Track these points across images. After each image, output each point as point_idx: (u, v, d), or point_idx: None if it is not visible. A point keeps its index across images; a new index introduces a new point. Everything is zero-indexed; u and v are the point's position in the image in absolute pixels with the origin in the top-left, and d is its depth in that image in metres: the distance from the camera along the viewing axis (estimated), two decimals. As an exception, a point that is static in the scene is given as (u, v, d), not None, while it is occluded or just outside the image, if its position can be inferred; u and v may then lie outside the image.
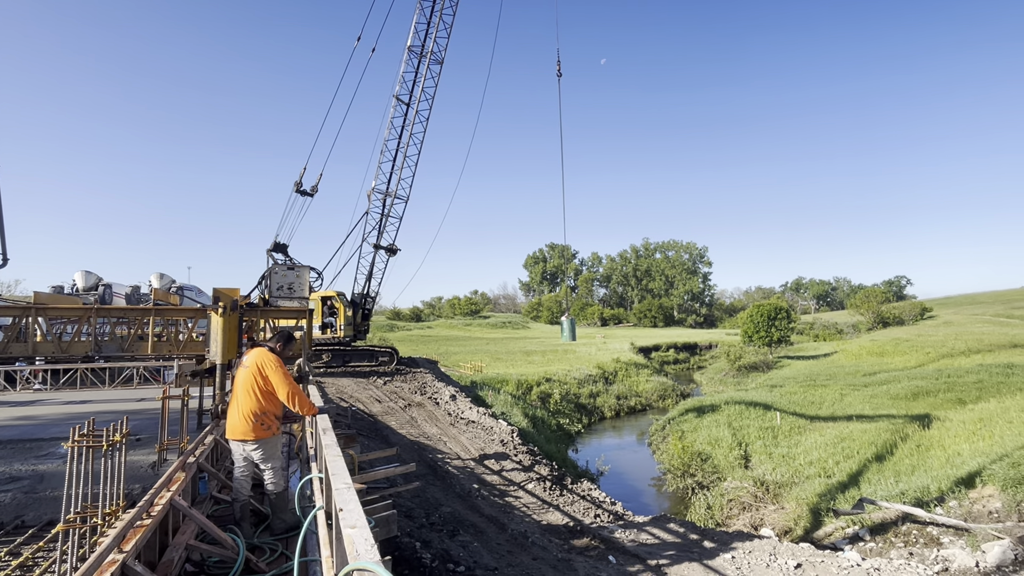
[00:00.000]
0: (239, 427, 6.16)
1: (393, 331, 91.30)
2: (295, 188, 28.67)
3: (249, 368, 6.24)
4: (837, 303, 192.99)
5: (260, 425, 6.16)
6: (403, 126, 29.41)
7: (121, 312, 13.04)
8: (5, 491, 6.99)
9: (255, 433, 6.13)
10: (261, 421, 6.17)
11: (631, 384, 51.02)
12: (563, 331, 26.97)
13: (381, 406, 23.69)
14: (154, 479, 7.14)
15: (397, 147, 29.54)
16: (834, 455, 22.43)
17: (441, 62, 29.26)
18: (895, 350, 56.71)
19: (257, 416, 6.15)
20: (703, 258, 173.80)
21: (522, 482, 19.34)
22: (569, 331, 26.55)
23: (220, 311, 9.64)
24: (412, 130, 29.49)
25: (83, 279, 30.02)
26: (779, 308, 73.24)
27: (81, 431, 5.23)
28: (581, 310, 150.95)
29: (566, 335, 26.60)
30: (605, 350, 69.00)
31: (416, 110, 29.30)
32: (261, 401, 6.16)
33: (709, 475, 23.33)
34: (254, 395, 6.15)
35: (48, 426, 11.15)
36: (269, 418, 6.26)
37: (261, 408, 6.17)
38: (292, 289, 11.47)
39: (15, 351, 11.37)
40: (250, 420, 6.12)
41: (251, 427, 6.12)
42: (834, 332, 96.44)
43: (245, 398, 6.17)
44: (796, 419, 28.79)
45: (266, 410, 6.21)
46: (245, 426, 6.13)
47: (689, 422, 31.85)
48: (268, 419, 6.24)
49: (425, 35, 28.61)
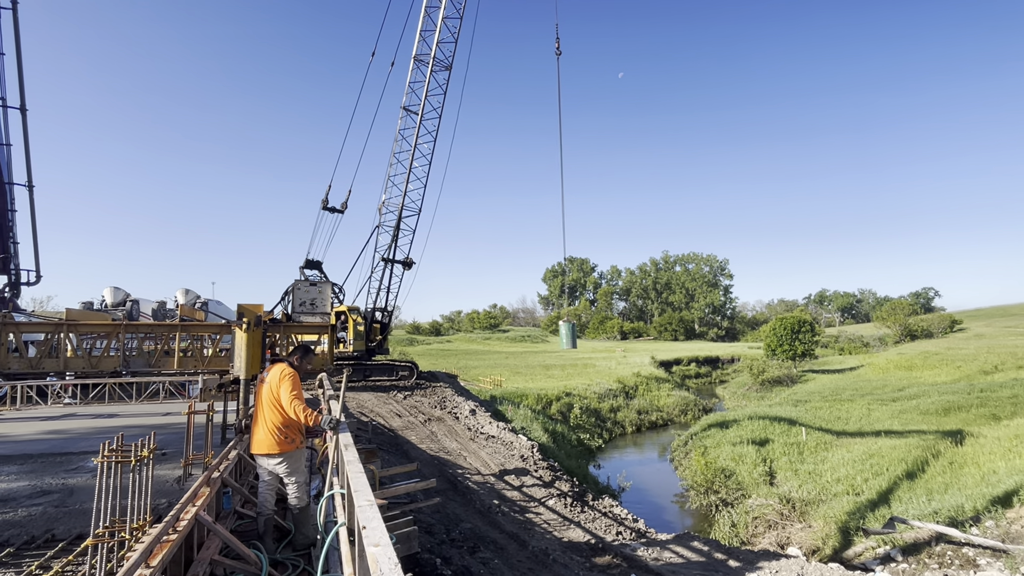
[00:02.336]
0: (264, 441, 6.25)
1: (413, 345, 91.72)
2: (322, 205, 29.14)
3: (269, 383, 6.36)
4: (862, 316, 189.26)
5: (284, 439, 6.23)
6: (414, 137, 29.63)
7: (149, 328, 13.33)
8: (36, 504, 7.13)
9: (279, 447, 6.21)
10: (284, 435, 6.24)
11: (652, 399, 50.46)
12: (562, 338, 25.54)
13: (401, 420, 23.74)
14: (179, 493, 7.23)
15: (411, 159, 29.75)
16: (863, 472, 21.88)
17: (449, 68, 29.31)
18: (924, 364, 55.34)
19: (280, 430, 6.22)
20: (724, 270, 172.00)
21: (543, 498, 19.16)
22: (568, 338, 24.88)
23: (244, 327, 9.78)
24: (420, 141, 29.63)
25: (112, 295, 30.75)
26: (803, 321, 72.04)
27: (110, 446, 5.33)
28: (600, 323, 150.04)
29: (565, 342, 25.09)
30: (625, 364, 68.43)
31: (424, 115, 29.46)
32: (284, 415, 6.22)
33: (733, 492, 22.89)
34: (276, 409, 6.24)
35: (77, 440, 11.37)
36: (292, 431, 6.32)
37: (284, 421, 6.24)
38: (314, 305, 11.62)
39: (47, 366, 11.66)
40: (274, 434, 6.21)
41: (275, 441, 6.21)
42: (860, 345, 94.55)
43: (268, 412, 6.27)
44: (822, 435, 28.18)
45: (289, 423, 6.26)
46: (270, 440, 6.22)
47: (712, 437, 31.34)
48: (291, 432, 6.31)
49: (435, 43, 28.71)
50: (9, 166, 23.73)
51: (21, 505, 7.12)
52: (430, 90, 29.29)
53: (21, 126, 23.74)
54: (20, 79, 23.39)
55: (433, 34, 28.70)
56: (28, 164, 24.36)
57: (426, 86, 29.12)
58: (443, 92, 29.59)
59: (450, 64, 29.31)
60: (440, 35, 28.61)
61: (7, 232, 24.24)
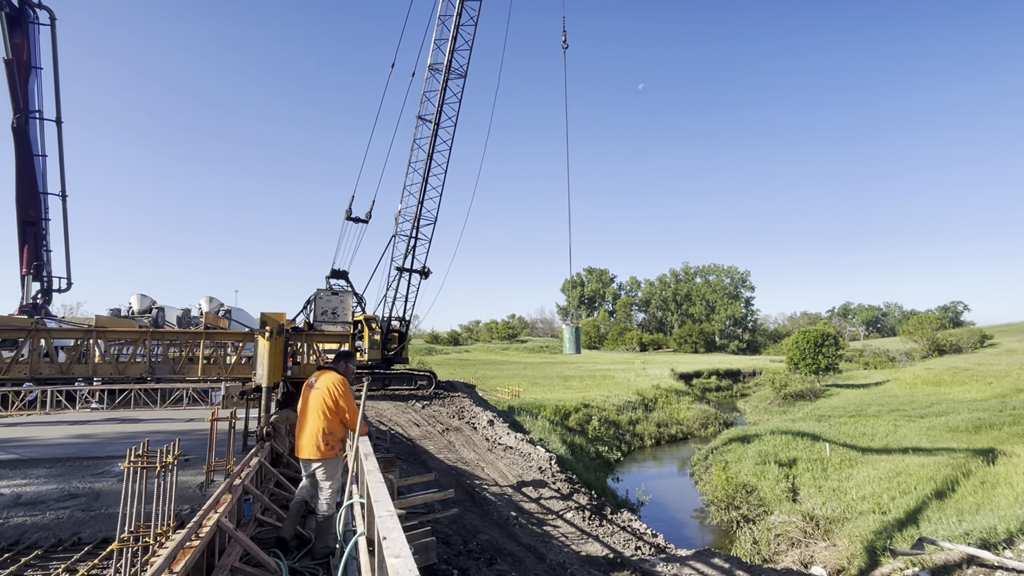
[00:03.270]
0: (307, 446, 6.39)
1: (431, 354, 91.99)
2: (346, 216, 29.50)
3: (320, 390, 6.46)
4: (888, 329, 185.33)
5: (325, 445, 6.35)
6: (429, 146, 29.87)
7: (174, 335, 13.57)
8: (64, 508, 7.26)
9: (321, 452, 6.34)
10: (327, 441, 6.36)
11: (672, 411, 49.87)
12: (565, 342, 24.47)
13: (419, 430, 23.78)
14: (201, 500, 7.32)
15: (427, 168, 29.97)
16: (889, 490, 21.33)
17: (463, 76, 29.49)
18: (953, 380, 53.95)
19: (325, 436, 6.35)
20: (745, 282, 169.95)
21: (561, 511, 19.01)
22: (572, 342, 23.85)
23: (267, 335, 9.92)
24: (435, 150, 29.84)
25: (138, 302, 31.38)
26: (826, 334, 70.77)
27: (136, 452, 5.42)
28: (619, 335, 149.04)
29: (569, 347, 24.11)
30: (644, 376, 67.83)
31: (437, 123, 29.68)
32: (329, 421, 6.38)
33: (755, 508, 22.47)
34: (324, 416, 6.37)
35: (103, 444, 11.57)
36: (335, 438, 6.44)
37: (329, 428, 6.38)
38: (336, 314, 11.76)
39: (77, 372, 11.94)
40: (318, 439, 6.33)
41: (318, 446, 6.33)
42: (885, 360, 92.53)
43: (315, 418, 6.39)
44: (847, 451, 27.56)
45: (333, 430, 6.41)
46: (312, 445, 6.36)
47: (733, 452, 30.85)
48: (333, 439, 6.43)
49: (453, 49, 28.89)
50: (44, 176, 24.49)
51: (49, 508, 7.26)
52: (445, 99, 29.49)
53: (56, 137, 24.51)
54: (56, 92, 24.19)
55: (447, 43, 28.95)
56: (62, 174, 25.13)
57: (439, 95, 29.34)
58: (458, 101, 29.76)
59: (465, 72, 29.46)
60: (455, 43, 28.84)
61: (40, 240, 24.97)
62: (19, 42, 22.56)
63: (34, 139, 23.78)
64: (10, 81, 22.50)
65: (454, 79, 29.36)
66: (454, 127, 30.09)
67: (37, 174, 24.09)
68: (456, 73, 29.30)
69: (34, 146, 23.81)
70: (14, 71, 22.49)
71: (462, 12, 28.51)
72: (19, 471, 8.81)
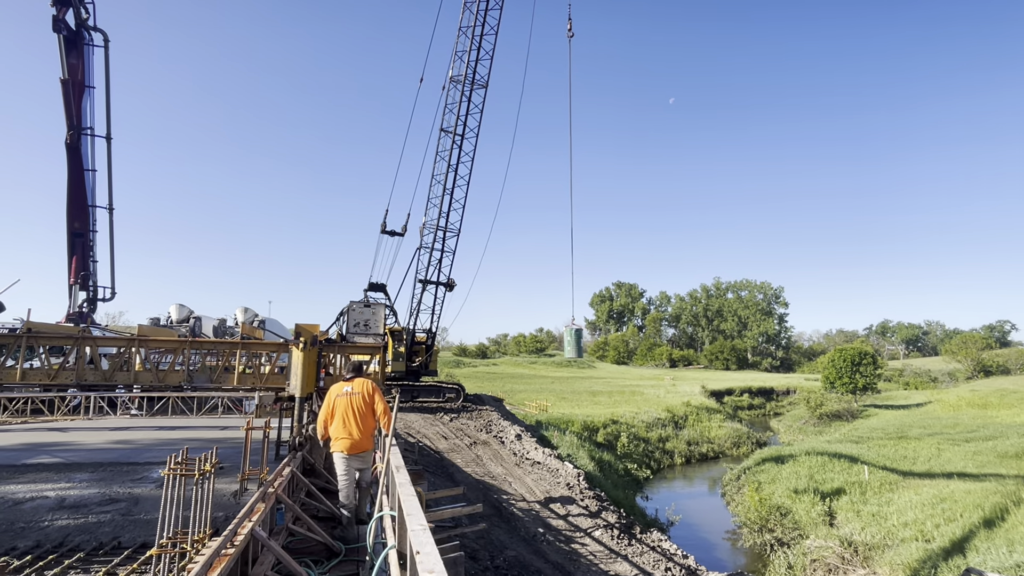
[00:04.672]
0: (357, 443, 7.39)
1: (459, 367, 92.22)
2: (381, 229, 30.00)
3: (360, 394, 7.53)
4: (929, 349, 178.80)
5: (369, 439, 7.55)
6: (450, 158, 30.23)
7: (212, 345, 13.93)
8: (105, 512, 7.48)
9: (365, 444, 7.45)
10: (370, 435, 7.54)
11: (702, 429, 48.91)
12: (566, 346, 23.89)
13: (447, 443, 23.81)
14: (235, 508, 7.45)
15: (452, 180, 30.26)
16: (933, 517, 20.47)
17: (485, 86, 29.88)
18: (1000, 402, 51.68)
19: (368, 432, 7.50)
20: (779, 298, 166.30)
21: (589, 528, 18.75)
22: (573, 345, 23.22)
23: (301, 346, 10.10)
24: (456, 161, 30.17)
25: (177, 312, 32.33)
26: (864, 352, 68.72)
27: (176, 459, 5.56)
28: (648, 350, 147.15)
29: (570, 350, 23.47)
30: (674, 393, 66.76)
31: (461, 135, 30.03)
32: (370, 420, 7.51)
33: (789, 531, 21.81)
34: (367, 415, 7.48)
35: (142, 451, 11.90)
36: (373, 433, 7.66)
37: (372, 425, 7.57)
38: (368, 326, 11.92)
39: (119, 379, 12.32)
40: (364, 435, 7.42)
41: (363, 440, 7.42)
42: (927, 380, 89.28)
43: (358, 418, 7.44)
44: (886, 474, 26.59)
45: (373, 427, 7.62)
46: (359, 440, 7.40)
47: (767, 472, 30.05)
48: (372, 434, 7.63)
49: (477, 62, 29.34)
50: (93, 190, 25.53)
51: (92, 512, 7.48)
52: (469, 111, 29.89)
53: (105, 153, 25.57)
54: (108, 110, 25.28)
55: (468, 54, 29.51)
56: (110, 188, 26.17)
57: (458, 107, 29.78)
58: (480, 112, 30.14)
59: (486, 83, 29.87)
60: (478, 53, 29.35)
61: (88, 251, 25.96)
62: (75, 63, 23.69)
63: (85, 155, 24.84)
64: (65, 100, 23.60)
65: (476, 89, 29.79)
66: (476, 138, 30.41)
67: (87, 188, 25.13)
68: (478, 84, 29.76)
69: (85, 161, 24.87)
70: (69, 90, 23.59)
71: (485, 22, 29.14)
72: (63, 475, 9.11)
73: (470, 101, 29.87)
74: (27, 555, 6.39)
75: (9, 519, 7.15)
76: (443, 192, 30.18)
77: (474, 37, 29.40)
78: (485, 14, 29.16)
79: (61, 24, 23.02)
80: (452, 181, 30.21)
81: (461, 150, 30.24)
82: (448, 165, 30.13)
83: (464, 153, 30.35)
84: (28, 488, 8.23)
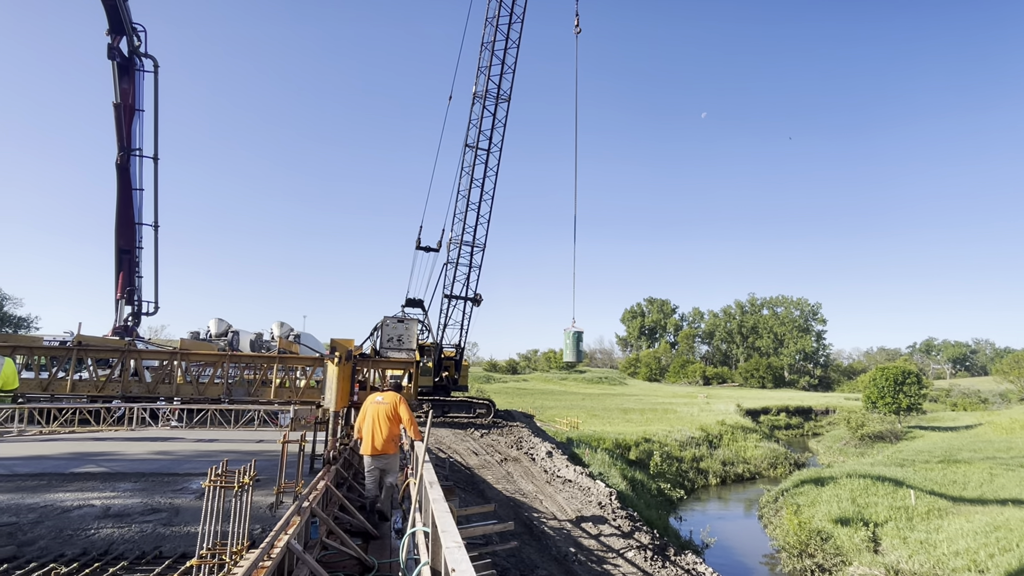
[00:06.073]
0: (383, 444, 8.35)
1: (490, 383, 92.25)
2: (416, 245, 30.45)
3: (390, 404, 8.48)
4: (978, 368, 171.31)
5: (393, 443, 8.54)
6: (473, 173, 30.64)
7: (250, 359, 14.28)
8: (147, 522, 7.67)
9: (386, 448, 8.39)
10: (393, 440, 8.51)
11: (738, 449, 47.72)
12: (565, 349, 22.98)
13: (478, 459, 23.75)
14: (271, 520, 7.55)
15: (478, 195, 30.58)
16: (987, 546, 19.48)
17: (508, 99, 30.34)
18: (1058, 425, 49.11)
19: (392, 437, 8.47)
20: (816, 315, 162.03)
21: (621, 549, 18.40)
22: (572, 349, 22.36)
23: (336, 360, 10.27)
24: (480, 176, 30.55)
25: (216, 326, 33.18)
26: (908, 371, 66.22)
27: (216, 471, 5.68)
28: (681, 367, 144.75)
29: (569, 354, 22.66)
30: (708, 411, 65.42)
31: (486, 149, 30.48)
32: (393, 427, 8.47)
33: (831, 557, 21.02)
34: (392, 422, 8.43)
35: (182, 462, 12.20)
36: (397, 440, 8.69)
37: (397, 432, 8.59)
38: (401, 341, 12.07)
39: (161, 391, 12.72)
40: (387, 440, 8.38)
41: (385, 444, 8.36)
42: (976, 401, 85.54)
43: (385, 424, 8.38)
44: (934, 499, 25.45)
45: (397, 433, 8.62)
46: (383, 443, 8.36)
47: (806, 495, 29.09)
48: (396, 440, 8.64)
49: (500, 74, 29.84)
50: (140, 209, 26.61)
51: (135, 521, 7.68)
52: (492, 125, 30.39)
53: (152, 173, 26.67)
54: (156, 132, 26.40)
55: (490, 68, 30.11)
56: (156, 207, 27.24)
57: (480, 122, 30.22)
58: (504, 126, 30.57)
59: (508, 96, 30.35)
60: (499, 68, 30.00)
61: (134, 267, 26.99)
62: (126, 87, 24.90)
63: (134, 175, 25.97)
64: (117, 122, 24.78)
65: (499, 104, 30.26)
66: (500, 153, 30.79)
67: (135, 207, 26.20)
68: (501, 98, 30.27)
69: (134, 181, 25.99)
70: (121, 114, 24.77)
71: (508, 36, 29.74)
72: (108, 484, 9.40)
73: (494, 116, 30.33)
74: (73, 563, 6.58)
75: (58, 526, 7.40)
76: (467, 207, 30.53)
77: (495, 52, 29.99)
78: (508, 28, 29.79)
79: (115, 51, 24.25)
80: (477, 196, 30.55)
81: (486, 165, 30.64)
82: (471, 180, 30.54)
83: (488, 168, 30.73)
84: (76, 496, 8.51)
